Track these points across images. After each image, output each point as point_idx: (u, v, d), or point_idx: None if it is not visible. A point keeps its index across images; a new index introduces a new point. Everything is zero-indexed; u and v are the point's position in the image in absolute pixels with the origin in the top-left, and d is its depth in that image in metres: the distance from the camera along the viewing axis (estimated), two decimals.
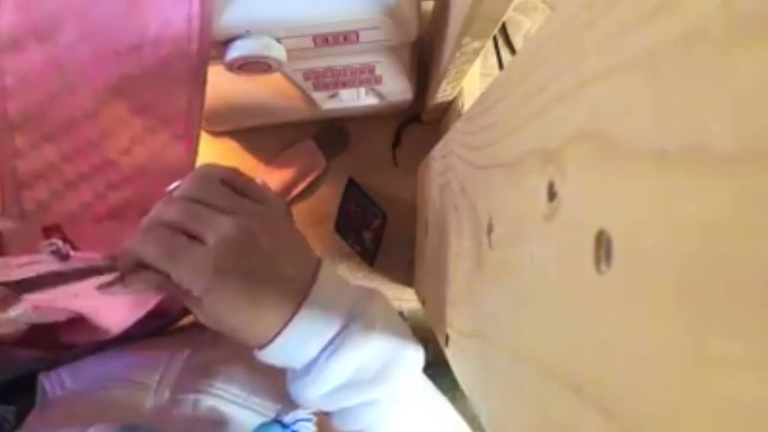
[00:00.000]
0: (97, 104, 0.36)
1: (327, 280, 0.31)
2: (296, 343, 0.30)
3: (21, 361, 0.35)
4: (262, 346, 0.30)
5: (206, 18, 0.35)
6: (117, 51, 0.34)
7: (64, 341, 0.37)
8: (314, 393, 0.31)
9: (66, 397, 0.34)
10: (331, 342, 0.30)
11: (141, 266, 0.29)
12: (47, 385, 0.34)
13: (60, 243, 0.31)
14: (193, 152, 0.42)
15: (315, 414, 0.31)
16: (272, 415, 0.32)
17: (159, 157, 0.40)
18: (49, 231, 0.36)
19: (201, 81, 0.39)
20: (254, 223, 0.29)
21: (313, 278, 0.31)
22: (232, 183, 0.31)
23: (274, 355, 0.30)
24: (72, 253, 0.30)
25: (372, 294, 0.33)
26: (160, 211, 0.29)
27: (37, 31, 0.32)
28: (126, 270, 0.29)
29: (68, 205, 0.35)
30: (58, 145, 0.35)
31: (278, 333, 0.29)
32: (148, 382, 0.34)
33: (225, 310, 0.28)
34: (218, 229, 0.28)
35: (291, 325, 0.29)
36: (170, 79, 0.37)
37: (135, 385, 0.34)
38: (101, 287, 0.29)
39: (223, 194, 0.30)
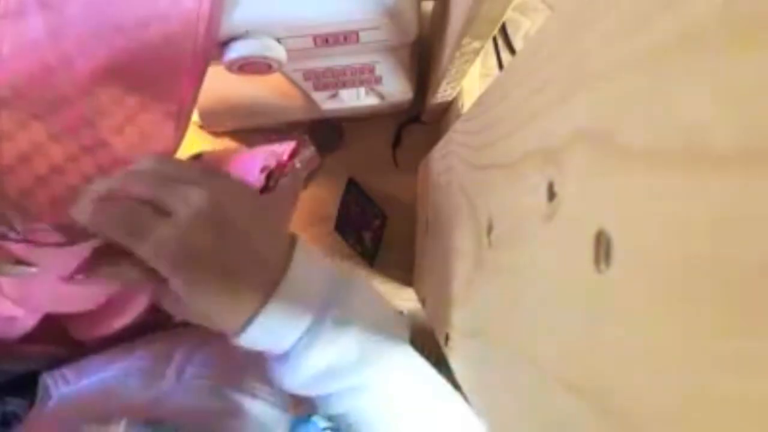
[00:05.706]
0: (94, 80, 0.34)
1: (302, 261, 0.30)
2: (272, 329, 0.28)
3: (31, 356, 0.35)
4: (237, 333, 0.29)
5: None
6: (122, 26, 0.33)
7: (74, 336, 0.37)
8: (293, 381, 0.30)
9: (71, 392, 0.34)
10: (307, 331, 0.29)
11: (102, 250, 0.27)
12: (50, 383, 0.34)
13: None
14: (182, 135, 0.40)
15: None
16: (275, 401, 0.32)
17: (149, 137, 0.38)
18: None
19: (204, 62, 0.38)
20: (226, 196, 0.28)
21: (287, 259, 0.29)
22: (203, 162, 0.30)
23: (249, 341, 0.29)
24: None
25: (349, 280, 0.31)
26: (123, 181, 0.28)
27: (44, 0, 0.30)
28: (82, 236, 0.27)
29: (53, 190, 0.33)
30: (48, 123, 0.33)
31: (252, 319, 0.28)
32: (153, 372, 0.34)
33: (194, 293, 0.27)
34: (188, 201, 0.27)
35: (265, 311, 0.28)
36: (173, 57, 0.36)
37: (139, 374, 0.34)
38: (67, 278, 0.28)
39: (193, 168, 0.28)
